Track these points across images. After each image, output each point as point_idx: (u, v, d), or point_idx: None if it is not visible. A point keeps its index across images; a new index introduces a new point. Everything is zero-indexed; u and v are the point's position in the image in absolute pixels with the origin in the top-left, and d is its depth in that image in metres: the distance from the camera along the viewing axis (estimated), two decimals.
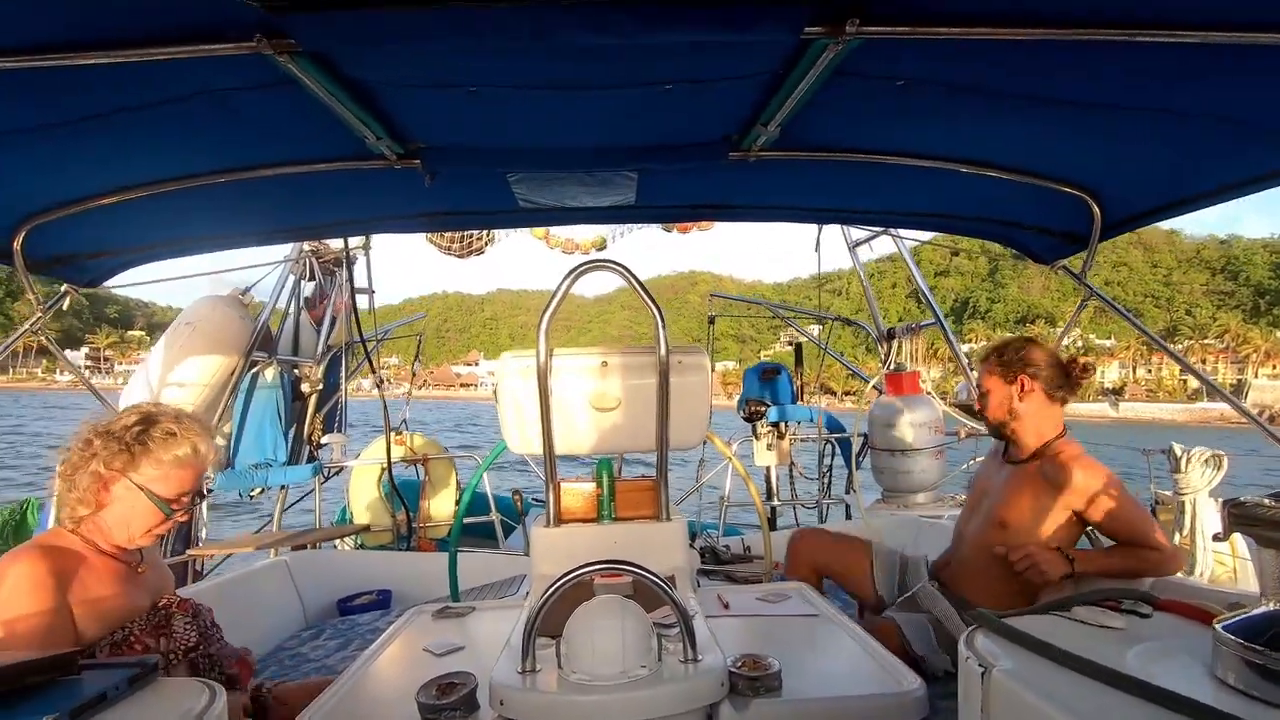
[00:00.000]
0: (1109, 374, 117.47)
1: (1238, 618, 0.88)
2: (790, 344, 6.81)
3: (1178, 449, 3.23)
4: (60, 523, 1.38)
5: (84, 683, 0.87)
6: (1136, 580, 1.89)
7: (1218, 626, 0.87)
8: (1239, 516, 0.95)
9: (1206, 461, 3.13)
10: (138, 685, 0.92)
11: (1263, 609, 0.92)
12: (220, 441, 4.57)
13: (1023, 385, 2.10)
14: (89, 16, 1.27)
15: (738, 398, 5.83)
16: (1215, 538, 2.67)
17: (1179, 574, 2.01)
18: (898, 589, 2.29)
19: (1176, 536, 3.09)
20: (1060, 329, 2.94)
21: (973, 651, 0.98)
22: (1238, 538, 2.25)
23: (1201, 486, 3.10)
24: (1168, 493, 3.27)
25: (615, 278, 1.75)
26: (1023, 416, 2.11)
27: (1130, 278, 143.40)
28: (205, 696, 0.92)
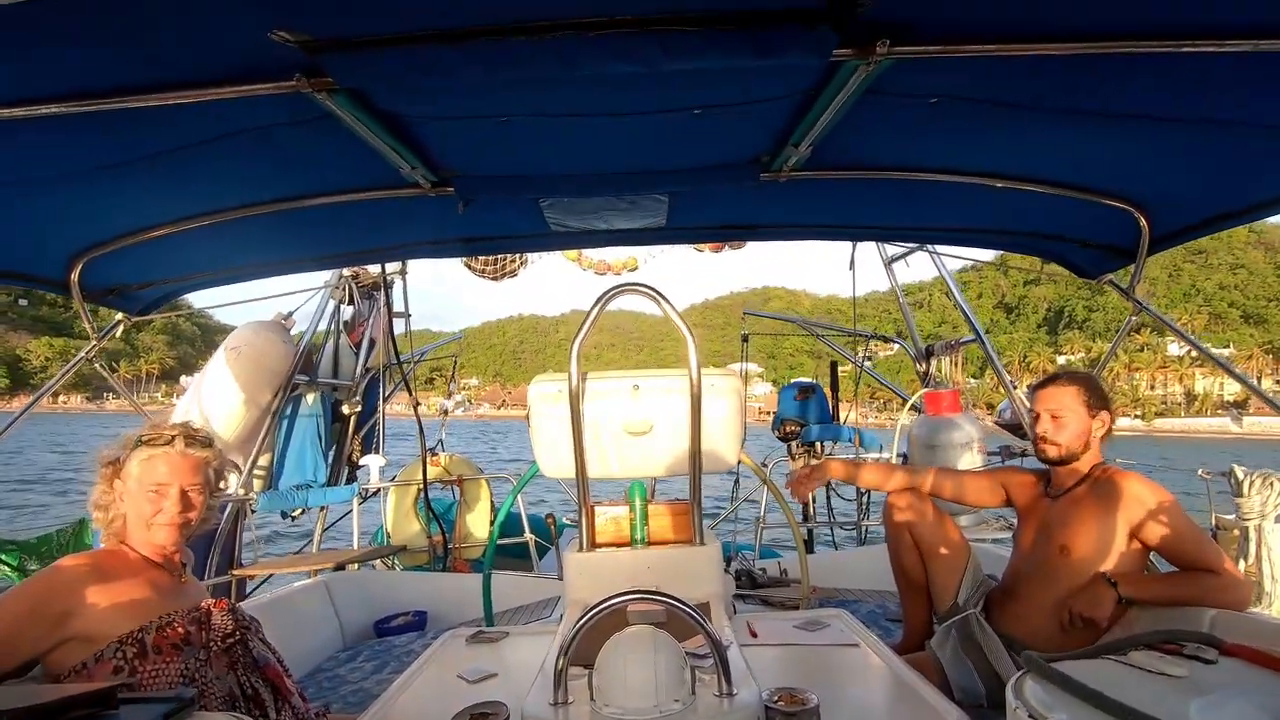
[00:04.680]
0: (1229, 386, 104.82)
1: None
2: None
3: (1239, 471, 3.06)
4: (106, 541, 1.53)
5: (121, 718, 0.88)
6: (1198, 609, 1.77)
7: None
8: None
9: (1270, 484, 2.96)
10: None
11: None
12: (263, 463, 4.69)
13: (1104, 421, 2.02)
14: (140, 62, 1.33)
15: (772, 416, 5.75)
16: None
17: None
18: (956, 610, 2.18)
19: (1242, 564, 2.92)
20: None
21: (1022, 701, 0.93)
22: None
23: (1268, 511, 2.93)
24: (1229, 517, 3.10)
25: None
26: (1093, 449, 2.02)
27: (1250, 280, 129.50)
28: None
